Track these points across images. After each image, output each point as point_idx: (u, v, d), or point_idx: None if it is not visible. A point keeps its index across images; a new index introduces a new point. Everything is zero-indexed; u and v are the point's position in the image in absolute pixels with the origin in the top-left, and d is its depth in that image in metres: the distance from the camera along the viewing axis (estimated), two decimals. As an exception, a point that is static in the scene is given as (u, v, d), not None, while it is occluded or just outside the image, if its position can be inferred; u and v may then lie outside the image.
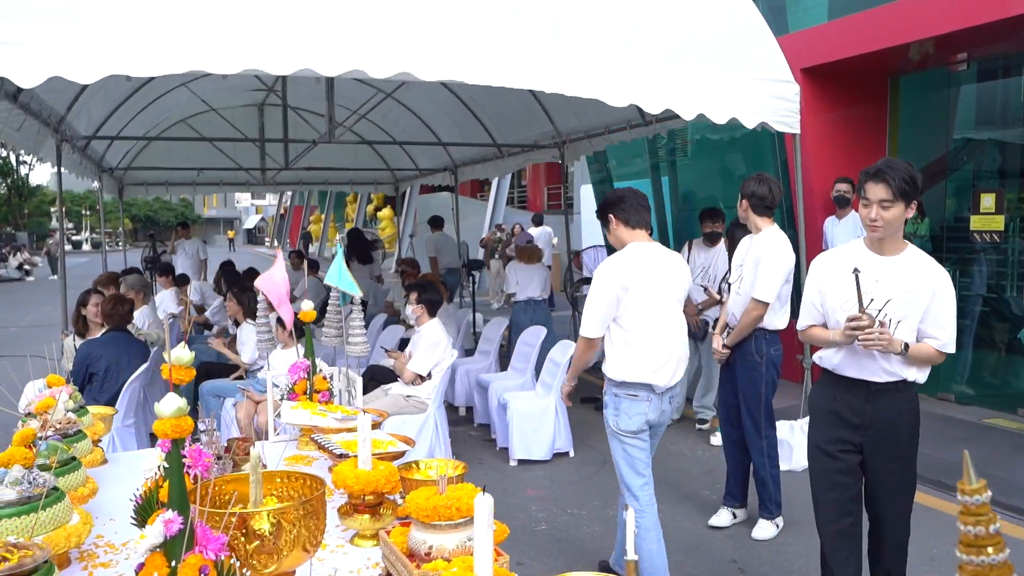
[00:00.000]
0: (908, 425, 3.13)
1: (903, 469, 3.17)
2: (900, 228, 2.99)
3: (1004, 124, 7.76)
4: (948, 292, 2.99)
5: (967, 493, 0.99)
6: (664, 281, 3.65)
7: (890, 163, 2.96)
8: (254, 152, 11.35)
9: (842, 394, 3.18)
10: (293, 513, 1.88)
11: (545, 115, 8.61)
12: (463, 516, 2.09)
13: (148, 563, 1.64)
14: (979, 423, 6.66)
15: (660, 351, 3.62)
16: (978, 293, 7.69)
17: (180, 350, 2.16)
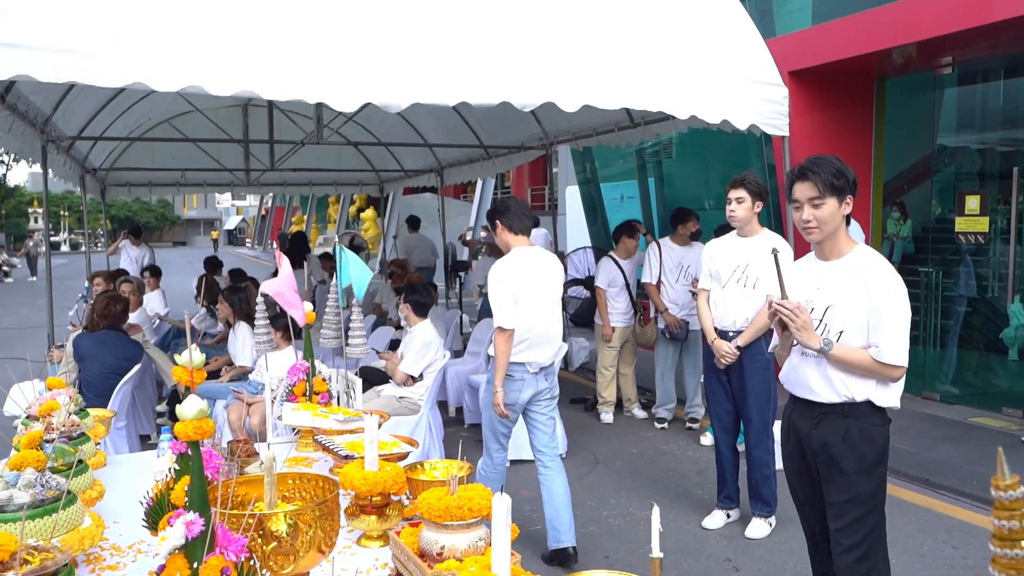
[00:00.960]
0: (855, 460, 2.75)
1: (850, 509, 2.79)
2: (840, 227, 2.77)
3: (986, 127, 7.87)
4: (892, 297, 2.68)
5: (1001, 489, 1.02)
6: (539, 279, 4.29)
7: (815, 159, 2.78)
8: (238, 153, 11.29)
9: (795, 416, 2.95)
10: (309, 514, 1.88)
11: (533, 117, 8.62)
12: (475, 516, 2.10)
13: (169, 565, 1.64)
14: (964, 422, 6.75)
15: (534, 336, 4.23)
16: (962, 294, 7.80)
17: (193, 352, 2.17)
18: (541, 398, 4.33)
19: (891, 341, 2.67)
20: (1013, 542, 1.01)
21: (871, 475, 2.77)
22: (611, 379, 7.39)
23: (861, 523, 2.79)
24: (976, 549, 4.47)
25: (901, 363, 2.69)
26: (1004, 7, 6.00)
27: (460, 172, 11.67)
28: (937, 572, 4.22)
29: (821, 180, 2.72)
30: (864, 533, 2.80)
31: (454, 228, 14.96)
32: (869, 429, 2.76)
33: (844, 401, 2.76)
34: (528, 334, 4.21)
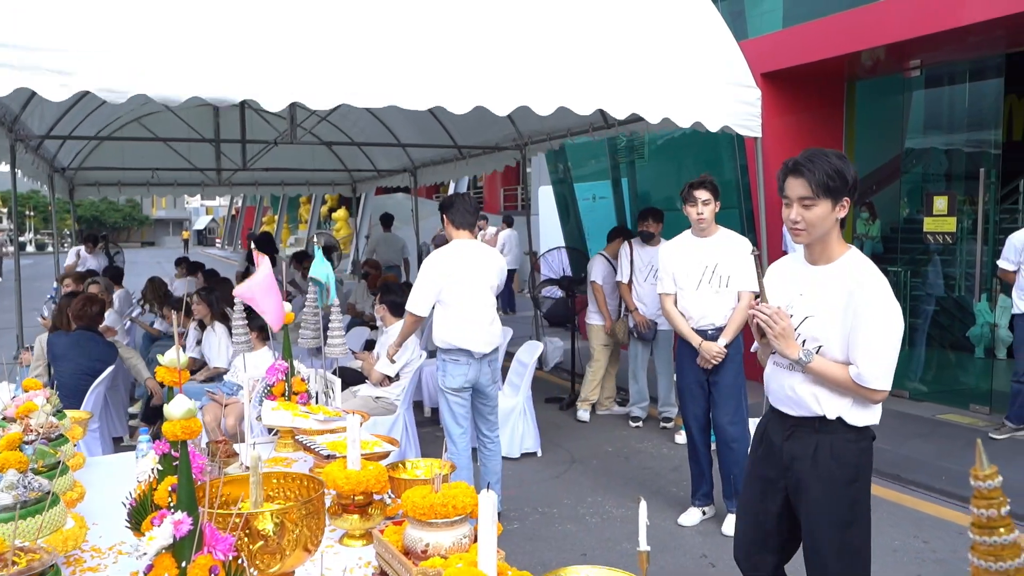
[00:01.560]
0: (823, 479, 2.57)
1: (819, 536, 2.62)
2: (832, 230, 2.53)
3: (953, 129, 8.02)
4: (880, 315, 2.44)
5: (980, 479, 1.06)
6: (477, 271, 4.60)
7: (812, 155, 2.50)
8: (209, 152, 11.19)
9: (770, 425, 2.78)
10: (296, 513, 1.89)
11: (507, 117, 8.63)
12: (459, 514, 2.12)
13: (157, 564, 1.64)
14: (933, 419, 6.87)
15: (473, 324, 4.55)
16: (930, 293, 7.94)
17: (174, 352, 2.16)
18: (486, 383, 4.70)
19: (873, 362, 2.44)
20: (991, 529, 1.05)
21: (844, 494, 2.57)
22: (600, 379, 7.46)
23: (834, 546, 2.60)
24: (945, 543, 4.56)
25: (882, 387, 2.46)
26: (970, 12, 6.12)
27: (434, 172, 11.66)
28: (908, 566, 4.29)
29: (814, 179, 2.45)
30: (836, 557, 2.61)
31: (427, 228, 14.91)
32: (841, 446, 2.55)
33: (816, 416, 2.57)
34: (463, 322, 4.55)
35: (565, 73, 4.89)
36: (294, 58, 4.17)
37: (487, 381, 4.71)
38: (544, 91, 4.80)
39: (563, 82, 4.87)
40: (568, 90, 4.89)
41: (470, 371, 4.60)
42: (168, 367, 2.14)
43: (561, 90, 4.85)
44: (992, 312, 7.24)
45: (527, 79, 4.75)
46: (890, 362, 2.47)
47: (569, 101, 4.87)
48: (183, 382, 2.16)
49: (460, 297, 4.55)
